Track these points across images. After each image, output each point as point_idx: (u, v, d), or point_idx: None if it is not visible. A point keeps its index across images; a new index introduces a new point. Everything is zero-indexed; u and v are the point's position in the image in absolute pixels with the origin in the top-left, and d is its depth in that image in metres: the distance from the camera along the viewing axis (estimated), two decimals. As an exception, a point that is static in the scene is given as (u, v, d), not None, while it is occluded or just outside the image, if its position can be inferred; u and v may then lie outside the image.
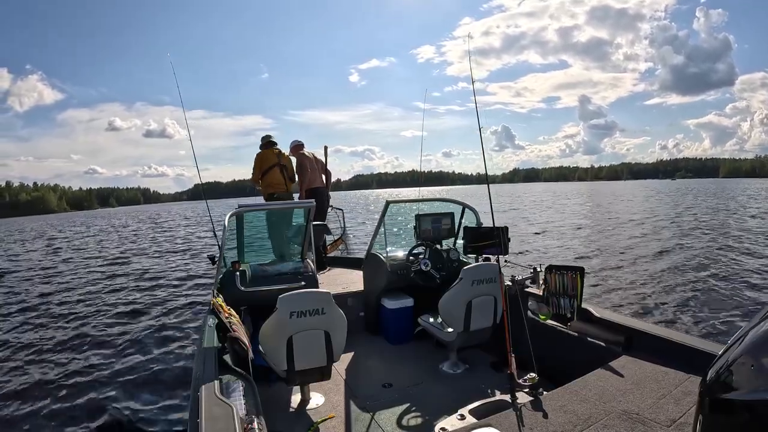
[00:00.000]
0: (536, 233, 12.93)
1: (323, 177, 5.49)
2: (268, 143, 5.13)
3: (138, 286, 9.01)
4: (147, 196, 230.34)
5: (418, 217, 3.55)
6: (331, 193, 5.77)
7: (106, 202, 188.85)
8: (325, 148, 5.72)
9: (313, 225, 3.55)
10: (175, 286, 8.67)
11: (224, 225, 3.06)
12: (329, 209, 5.66)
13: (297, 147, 5.43)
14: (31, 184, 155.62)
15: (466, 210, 3.76)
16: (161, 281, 9.34)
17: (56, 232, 27.71)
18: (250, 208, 3.49)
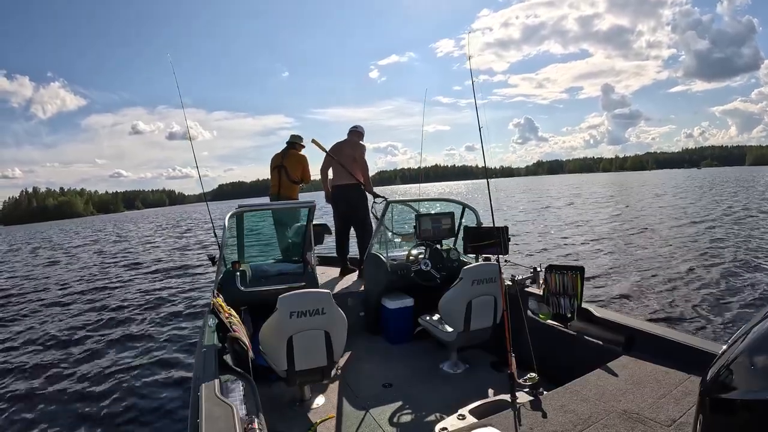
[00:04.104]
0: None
1: (354, 172, 4.46)
2: (286, 144, 5.09)
3: (136, 285, 9.02)
4: (172, 198, 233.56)
5: (418, 217, 3.55)
6: None
7: (132, 205, 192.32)
8: (313, 141, 4.80)
9: (314, 225, 3.55)
10: (175, 286, 8.67)
11: (224, 225, 3.06)
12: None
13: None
14: (57, 189, 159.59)
15: (466, 210, 3.76)
16: (160, 282, 9.34)
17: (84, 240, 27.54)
18: (250, 208, 3.50)
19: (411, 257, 3.51)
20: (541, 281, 2.90)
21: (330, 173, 4.67)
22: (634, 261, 7.99)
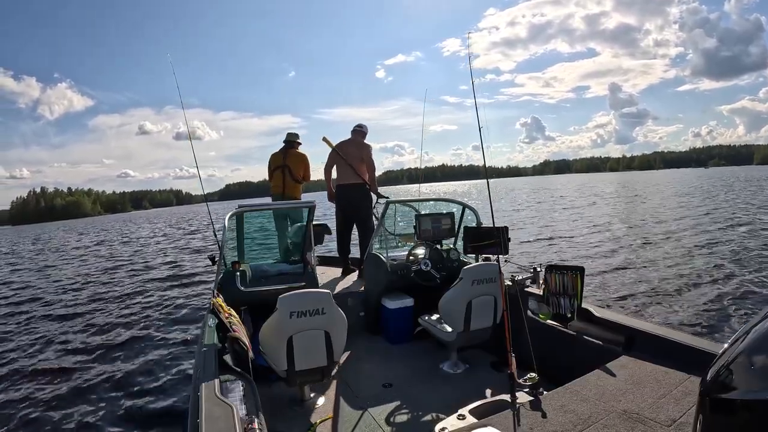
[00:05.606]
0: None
1: (360, 172, 4.41)
2: (284, 143, 5.07)
3: (137, 285, 9.02)
4: (179, 198, 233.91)
5: (418, 217, 3.55)
6: None
7: (139, 205, 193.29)
8: (324, 139, 4.72)
9: (314, 225, 3.55)
10: (175, 286, 8.67)
11: (224, 225, 3.06)
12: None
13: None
14: (65, 189, 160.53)
15: (466, 210, 3.76)
16: (161, 282, 9.34)
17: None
18: (250, 208, 3.50)
19: (411, 257, 3.51)
20: (541, 281, 2.90)
21: (333, 172, 4.63)
22: (634, 261, 7.99)
